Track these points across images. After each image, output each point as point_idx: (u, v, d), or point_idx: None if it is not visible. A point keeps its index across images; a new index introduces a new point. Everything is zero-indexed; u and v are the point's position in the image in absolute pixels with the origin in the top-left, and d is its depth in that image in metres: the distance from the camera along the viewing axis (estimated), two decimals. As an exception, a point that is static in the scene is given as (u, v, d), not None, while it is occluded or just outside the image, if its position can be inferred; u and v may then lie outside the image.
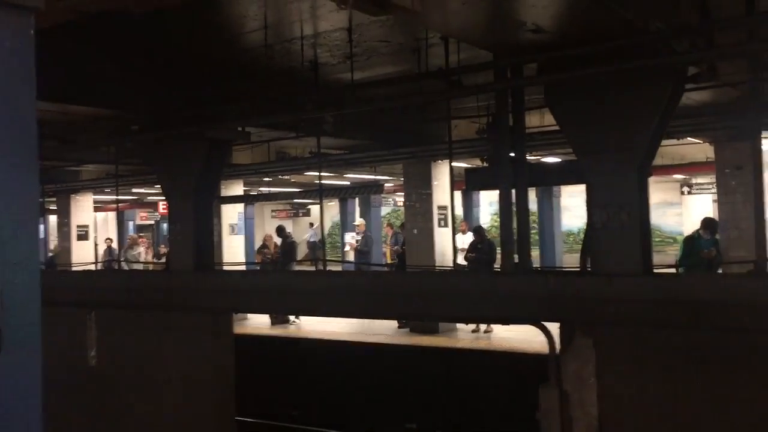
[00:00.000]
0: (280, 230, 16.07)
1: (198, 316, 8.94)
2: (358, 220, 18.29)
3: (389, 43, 8.34)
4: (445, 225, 13.40)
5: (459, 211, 21.07)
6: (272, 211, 31.59)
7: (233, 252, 15.81)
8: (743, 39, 6.47)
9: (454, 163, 11.91)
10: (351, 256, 16.67)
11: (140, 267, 16.61)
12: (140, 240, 19.21)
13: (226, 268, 13.61)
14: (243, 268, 14.68)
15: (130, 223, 29.65)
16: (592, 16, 5.74)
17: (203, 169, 9.47)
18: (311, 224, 28.04)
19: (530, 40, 6.44)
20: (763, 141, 10.87)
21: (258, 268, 15.29)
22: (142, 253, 17.86)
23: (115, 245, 19.68)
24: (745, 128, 10.08)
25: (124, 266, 16.40)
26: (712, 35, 6.39)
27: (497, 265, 11.11)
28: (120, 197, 17.93)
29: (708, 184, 20.22)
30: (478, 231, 13.05)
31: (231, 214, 16.04)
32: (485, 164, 9.38)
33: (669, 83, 6.60)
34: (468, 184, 10.05)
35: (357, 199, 23.29)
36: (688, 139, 12.37)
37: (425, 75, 7.95)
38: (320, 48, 8.48)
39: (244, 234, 17.09)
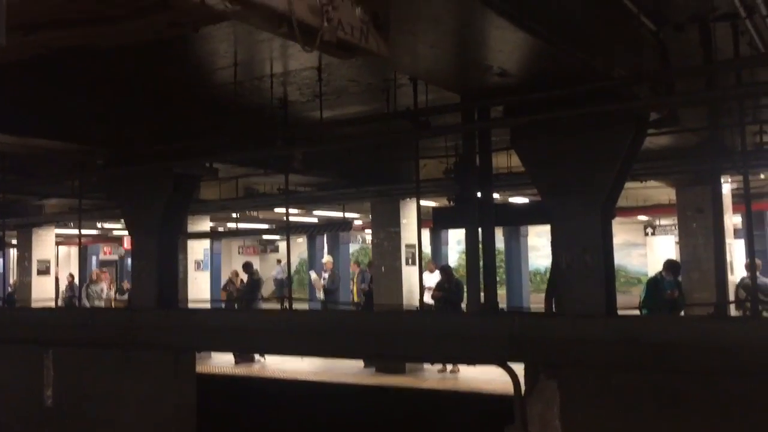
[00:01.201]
0: (247, 266, 15.91)
1: (159, 354, 8.75)
2: (326, 258, 18.21)
3: (358, 83, 8.42)
4: (413, 263, 13.40)
5: (428, 249, 21.12)
6: (239, 247, 31.31)
7: (198, 288, 15.58)
8: (702, 87, 6.67)
9: (422, 202, 11.99)
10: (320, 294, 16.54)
11: (102, 303, 16.27)
12: (103, 275, 18.84)
13: (190, 305, 13.40)
14: (207, 305, 14.46)
15: (94, 258, 29.15)
16: (557, 61, 5.87)
17: (169, 205, 9.37)
18: (278, 261, 27.85)
19: (496, 83, 6.56)
20: (724, 185, 11.13)
21: (223, 305, 15.09)
22: (105, 289, 17.51)
23: (77, 281, 19.28)
24: (705, 173, 10.31)
25: (86, 302, 16.04)
26: (673, 82, 6.57)
27: (464, 305, 11.12)
28: (83, 231, 17.62)
29: (671, 225, 20.60)
30: (445, 270, 13.08)
31: (197, 249, 15.84)
32: (452, 204, 9.45)
33: (631, 128, 6.74)
34: (435, 223, 10.11)
35: (325, 236, 23.22)
36: (651, 181, 12.61)
37: (393, 115, 8.02)
38: (290, 86, 8.53)
39: (210, 270, 16.87)
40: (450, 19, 5.12)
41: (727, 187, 11.72)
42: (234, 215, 18.80)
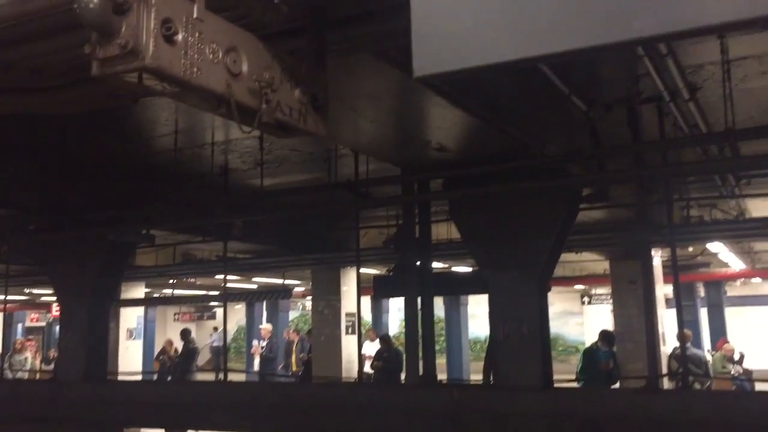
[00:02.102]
0: (185, 334, 15.43)
1: (86, 430, 8.34)
2: (264, 325, 17.85)
3: (300, 153, 8.48)
4: (353, 332, 13.28)
5: (369, 317, 21.00)
6: (175, 313, 30.45)
7: (130, 358, 15.01)
8: (631, 164, 6.95)
9: (364, 269, 11.97)
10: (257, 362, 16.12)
11: (26, 374, 15.50)
12: (28, 344, 17.99)
13: (120, 377, 12.88)
14: (139, 377, 13.93)
15: (20, 326, 27.90)
16: (492, 139, 6.05)
17: (102, 272, 9.11)
18: (215, 328, 27.15)
19: (436, 157, 6.71)
20: (654, 257, 11.51)
21: (155, 377, 14.56)
22: (29, 358, 16.69)
23: (-1, 350, 18.34)
24: (636, 246, 10.64)
25: (8, 374, 15.24)
26: (603, 160, 6.84)
27: (404, 374, 11.01)
28: (9, 297, 16.90)
29: (606, 294, 21.05)
30: (385, 339, 12.99)
31: (130, 317, 15.35)
32: (392, 274, 9.48)
33: (565, 202, 6.95)
34: (376, 291, 10.09)
35: (264, 303, 22.84)
36: (587, 253, 12.93)
37: (335, 186, 8.07)
38: (231, 154, 8.52)
39: (144, 339, 16.33)
40: (389, 97, 5.25)
41: (657, 259, 12.11)
42: (170, 281, 18.35)
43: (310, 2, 2.88)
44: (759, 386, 12.19)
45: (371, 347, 13.41)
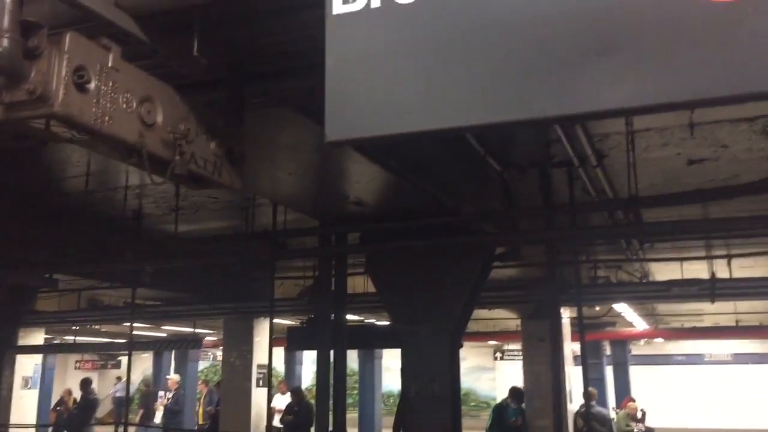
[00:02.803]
0: (85, 383, 14.68)
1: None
2: (171, 376, 17.20)
3: (217, 200, 8.38)
4: (264, 384, 12.96)
5: (282, 368, 20.57)
6: (77, 361, 28.94)
7: (24, 409, 14.09)
8: (542, 226, 7.19)
9: (279, 320, 11.77)
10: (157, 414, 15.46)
11: None
12: None
13: (11, 430, 12.07)
14: (32, 430, 13.09)
15: None
16: (409, 195, 6.15)
17: (-2, 317, 8.62)
18: (119, 378, 25.96)
19: (354, 211, 6.76)
20: (563, 315, 11.81)
21: (50, 429, 13.73)
22: None
23: None
24: (545, 305, 10.91)
25: None
26: (516, 220, 7.05)
27: (314, 429, 10.79)
28: None
29: (518, 351, 21.39)
30: (296, 392, 12.76)
31: (26, 365, 14.45)
32: (305, 325, 9.37)
33: (478, 260, 7.10)
34: (289, 343, 9.92)
35: (173, 353, 22.04)
36: (500, 310, 13.16)
37: (252, 235, 7.98)
38: (145, 198, 8.32)
39: (40, 388, 15.40)
40: (308, 150, 5.28)
41: (566, 317, 12.44)
42: (73, 327, 17.49)
43: (230, 56, 2.90)
44: (659, 444, 12.58)
45: (282, 400, 13.12)
